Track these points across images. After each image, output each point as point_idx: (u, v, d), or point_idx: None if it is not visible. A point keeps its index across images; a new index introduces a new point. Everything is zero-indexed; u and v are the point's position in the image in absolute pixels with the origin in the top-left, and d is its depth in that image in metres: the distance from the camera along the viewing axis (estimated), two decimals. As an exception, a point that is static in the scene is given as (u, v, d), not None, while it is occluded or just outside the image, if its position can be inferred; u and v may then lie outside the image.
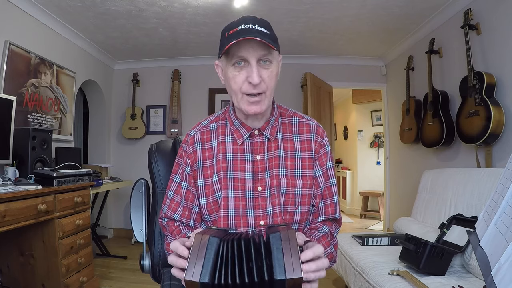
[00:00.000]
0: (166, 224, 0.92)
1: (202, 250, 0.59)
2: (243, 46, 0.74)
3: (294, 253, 0.58)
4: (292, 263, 0.57)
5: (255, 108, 0.79)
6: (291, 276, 0.56)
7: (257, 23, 0.76)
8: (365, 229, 4.49)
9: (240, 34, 0.73)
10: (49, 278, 1.98)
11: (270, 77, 0.79)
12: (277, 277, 0.57)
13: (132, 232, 1.13)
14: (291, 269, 0.57)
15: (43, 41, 2.73)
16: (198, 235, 0.61)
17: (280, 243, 0.59)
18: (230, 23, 0.80)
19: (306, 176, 0.87)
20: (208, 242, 0.59)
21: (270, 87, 0.80)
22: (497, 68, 2.12)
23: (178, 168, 0.91)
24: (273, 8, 2.73)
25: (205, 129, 0.91)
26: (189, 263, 0.58)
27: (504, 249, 0.55)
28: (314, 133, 0.91)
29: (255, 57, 0.76)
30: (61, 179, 2.08)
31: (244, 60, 0.76)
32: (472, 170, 2.07)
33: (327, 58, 3.98)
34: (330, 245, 0.87)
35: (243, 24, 0.75)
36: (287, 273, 0.56)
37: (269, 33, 0.77)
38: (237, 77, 0.78)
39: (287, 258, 0.57)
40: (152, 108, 4.06)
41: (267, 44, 0.73)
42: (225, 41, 0.76)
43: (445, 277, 1.53)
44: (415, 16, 2.86)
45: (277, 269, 0.57)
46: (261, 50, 0.75)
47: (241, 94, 0.79)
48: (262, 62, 0.77)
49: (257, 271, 0.59)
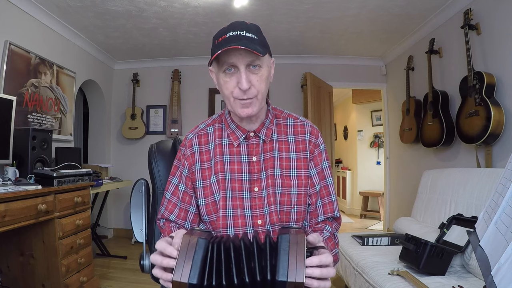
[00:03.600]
0: (163, 225, 0.93)
1: (190, 251, 0.59)
2: (232, 53, 0.76)
3: (300, 257, 0.58)
4: (295, 267, 0.57)
5: (247, 111, 0.81)
6: (292, 280, 0.56)
7: (245, 29, 0.78)
8: (365, 229, 4.49)
9: (228, 42, 0.75)
10: (49, 278, 1.98)
11: (260, 81, 0.80)
12: (279, 278, 0.57)
13: (132, 232, 1.13)
14: (293, 273, 0.57)
15: (43, 41, 2.73)
16: (186, 236, 0.61)
17: (287, 245, 0.59)
18: (220, 29, 0.81)
19: (301, 176, 0.88)
20: (197, 243, 0.60)
21: (261, 91, 0.81)
22: (497, 68, 2.12)
23: (176, 170, 0.93)
24: (273, 8, 2.73)
25: (202, 132, 0.93)
26: (177, 264, 0.58)
27: (504, 249, 0.55)
28: (308, 133, 0.92)
29: (244, 63, 0.77)
30: (61, 179, 2.08)
31: (234, 67, 0.78)
32: (472, 170, 2.07)
33: (327, 58, 3.98)
34: (335, 247, 0.88)
35: (231, 31, 0.77)
36: (289, 276, 0.56)
37: (257, 38, 0.78)
38: (228, 83, 0.80)
39: (292, 261, 0.57)
40: (152, 108, 4.06)
41: (252, 51, 0.74)
42: (214, 49, 0.78)
43: (445, 277, 1.53)
44: (415, 16, 2.86)
45: (280, 271, 0.57)
46: (249, 56, 0.77)
47: (233, 98, 0.81)
48: (252, 67, 0.79)
49: (260, 271, 0.60)
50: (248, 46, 0.73)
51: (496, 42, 2.14)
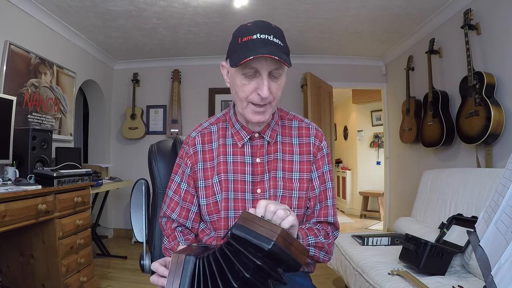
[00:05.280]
0: (164, 224, 0.93)
1: (178, 269, 0.61)
2: (258, 58, 0.73)
3: (259, 221, 0.59)
4: (266, 229, 0.57)
5: (259, 118, 0.80)
6: (275, 236, 0.56)
7: (273, 33, 0.75)
8: (365, 229, 4.49)
9: (256, 46, 0.72)
10: (49, 278, 1.98)
11: (278, 89, 0.80)
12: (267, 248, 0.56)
13: (132, 232, 1.14)
14: (270, 232, 0.57)
15: (43, 41, 2.73)
16: (175, 254, 0.63)
17: (244, 227, 0.59)
18: (243, 26, 0.78)
19: (303, 179, 0.87)
20: (184, 261, 0.61)
21: (277, 98, 0.82)
22: (497, 68, 2.12)
23: (178, 168, 0.92)
24: (273, 8, 2.73)
25: (206, 131, 0.91)
26: (167, 282, 0.61)
27: (504, 249, 0.55)
28: (313, 136, 0.91)
29: (267, 70, 0.75)
30: (61, 179, 2.08)
31: (255, 71, 0.76)
32: (472, 170, 2.07)
33: (327, 58, 3.98)
34: (318, 236, 0.85)
35: (258, 33, 0.74)
36: (271, 236, 0.56)
37: (283, 45, 0.76)
38: (246, 86, 0.78)
39: (260, 229, 0.57)
40: (152, 108, 4.06)
41: (284, 62, 0.72)
42: (238, 49, 0.75)
43: (445, 277, 1.53)
44: (415, 16, 2.86)
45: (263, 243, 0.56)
46: (275, 64, 0.75)
47: (247, 102, 0.80)
48: (273, 75, 0.77)
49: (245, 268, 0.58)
50: (277, 55, 0.71)
51: (496, 42, 2.14)
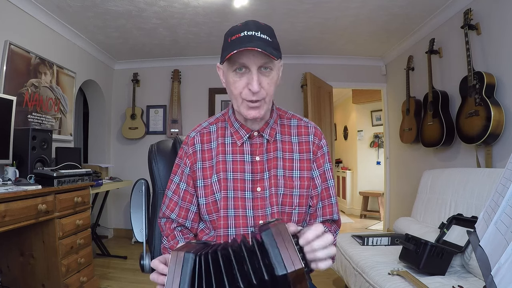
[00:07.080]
0: (163, 224, 0.93)
1: (178, 266, 0.60)
2: (245, 53, 0.75)
3: (289, 245, 0.57)
4: (289, 256, 0.56)
5: (254, 113, 0.81)
6: (291, 269, 0.55)
7: (260, 29, 0.76)
8: (365, 229, 4.49)
9: (242, 42, 0.74)
10: (49, 278, 1.98)
11: (270, 84, 0.80)
12: (278, 273, 0.56)
13: (132, 232, 1.13)
14: (290, 262, 0.56)
15: (43, 41, 2.73)
16: (174, 252, 0.62)
17: (273, 239, 0.58)
18: (233, 27, 0.80)
19: (303, 177, 0.88)
20: (183, 258, 0.61)
21: (270, 93, 0.81)
22: (497, 68, 2.12)
23: (177, 168, 0.92)
24: (273, 8, 2.73)
25: (205, 130, 0.92)
26: (167, 280, 0.60)
27: (504, 249, 0.55)
28: (312, 135, 0.92)
29: (256, 64, 0.76)
30: (61, 179, 2.08)
31: (245, 67, 0.77)
32: (472, 170, 2.07)
33: (327, 58, 3.98)
34: None
35: (246, 31, 0.75)
36: (288, 267, 0.55)
37: (271, 40, 0.77)
38: (238, 82, 0.79)
39: (284, 252, 0.57)
40: (152, 108, 4.06)
41: (268, 55, 0.73)
42: (227, 47, 0.77)
43: (445, 277, 1.53)
44: (415, 16, 2.86)
45: (277, 265, 0.56)
46: (262, 58, 0.76)
47: (241, 99, 0.80)
48: (263, 69, 0.78)
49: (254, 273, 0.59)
50: (263, 48, 0.72)
51: (496, 42, 2.14)
